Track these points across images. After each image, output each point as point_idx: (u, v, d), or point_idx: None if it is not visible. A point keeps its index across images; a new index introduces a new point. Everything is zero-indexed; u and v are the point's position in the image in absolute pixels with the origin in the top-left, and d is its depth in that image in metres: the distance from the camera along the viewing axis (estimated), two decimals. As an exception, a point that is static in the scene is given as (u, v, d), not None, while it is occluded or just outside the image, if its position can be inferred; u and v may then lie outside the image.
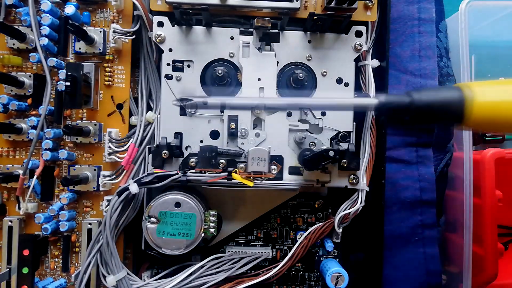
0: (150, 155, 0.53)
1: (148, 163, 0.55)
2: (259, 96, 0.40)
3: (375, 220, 0.59)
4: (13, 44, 0.56)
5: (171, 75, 0.55)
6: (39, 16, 0.55)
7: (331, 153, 0.50)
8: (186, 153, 0.54)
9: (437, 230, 0.64)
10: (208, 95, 0.55)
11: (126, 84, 0.58)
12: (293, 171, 0.55)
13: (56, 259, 0.58)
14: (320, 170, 0.54)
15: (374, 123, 0.58)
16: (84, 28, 0.56)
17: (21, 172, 0.54)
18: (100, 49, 0.56)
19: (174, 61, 0.55)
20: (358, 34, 0.56)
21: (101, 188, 0.56)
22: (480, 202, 0.59)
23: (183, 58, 0.55)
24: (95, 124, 0.57)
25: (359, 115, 0.58)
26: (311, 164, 0.52)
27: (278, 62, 0.55)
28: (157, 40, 0.54)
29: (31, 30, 0.54)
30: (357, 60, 0.56)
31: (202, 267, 0.54)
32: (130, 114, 0.58)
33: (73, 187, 0.56)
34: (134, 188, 0.51)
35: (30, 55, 0.55)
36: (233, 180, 0.52)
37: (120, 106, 0.58)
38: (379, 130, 0.58)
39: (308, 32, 0.55)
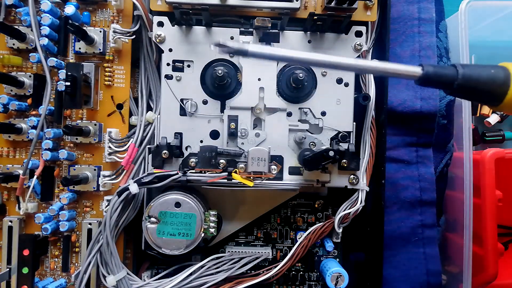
0: (150, 155, 0.53)
1: (148, 163, 0.55)
2: (298, 52, 0.39)
3: (375, 220, 0.59)
4: (13, 44, 0.56)
5: (171, 75, 0.55)
6: (39, 16, 0.55)
7: (331, 153, 0.50)
8: (186, 153, 0.54)
9: (437, 230, 0.64)
10: (208, 95, 0.55)
11: (126, 84, 0.58)
12: (293, 171, 0.55)
13: (56, 259, 0.58)
14: (320, 170, 0.54)
15: (374, 123, 0.58)
16: (84, 28, 0.55)
17: (21, 172, 0.54)
18: (100, 49, 0.56)
19: (174, 61, 0.55)
20: (358, 34, 0.56)
21: (101, 188, 0.56)
22: (480, 202, 0.59)
23: (183, 58, 0.55)
24: (95, 124, 0.57)
25: (359, 115, 0.58)
26: (311, 164, 0.52)
27: (278, 62, 0.55)
28: (157, 40, 0.54)
29: (31, 30, 0.54)
30: (357, 60, 0.56)
31: (202, 267, 0.54)
32: (130, 114, 0.58)
33: (73, 187, 0.56)
34: (134, 188, 0.51)
35: (30, 55, 0.55)
36: (233, 180, 0.52)
37: (120, 106, 0.58)
38: (379, 130, 0.58)
39: (308, 32, 0.55)
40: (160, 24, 0.54)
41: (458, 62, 0.39)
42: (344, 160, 0.53)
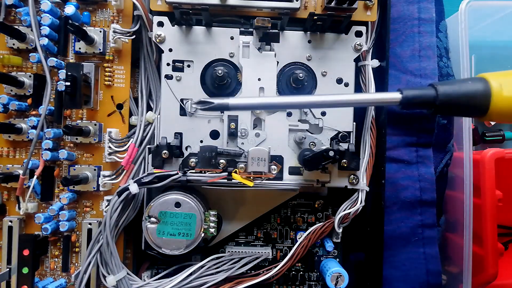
0: (150, 155, 0.53)
1: (148, 163, 0.55)
2: (278, 96, 0.40)
3: (375, 220, 0.59)
4: (13, 44, 0.56)
5: (171, 75, 0.55)
6: (39, 16, 0.55)
7: (331, 153, 0.50)
8: (186, 153, 0.54)
9: (437, 230, 0.64)
10: (208, 95, 0.55)
11: (126, 84, 0.58)
12: (293, 171, 0.55)
13: (56, 259, 0.58)
14: (320, 170, 0.54)
15: (374, 123, 0.58)
16: (84, 28, 0.55)
17: (21, 172, 0.54)
18: (100, 49, 0.56)
19: (174, 61, 0.55)
20: (358, 34, 0.56)
21: (101, 188, 0.56)
22: (480, 202, 0.59)
23: (183, 58, 0.55)
24: (95, 124, 0.57)
25: (359, 115, 0.58)
26: (311, 164, 0.52)
27: (278, 62, 0.55)
28: (157, 40, 0.54)
29: (31, 30, 0.54)
30: (357, 60, 0.56)
31: (202, 267, 0.54)
32: (130, 114, 0.58)
33: (73, 187, 0.56)
34: (134, 188, 0.51)
35: (30, 55, 0.55)
36: (233, 180, 0.52)
37: (120, 106, 0.58)
38: (379, 130, 0.58)
39: (308, 32, 0.55)
40: (160, 24, 0.54)
41: (436, 82, 0.39)
42: (344, 160, 0.53)
